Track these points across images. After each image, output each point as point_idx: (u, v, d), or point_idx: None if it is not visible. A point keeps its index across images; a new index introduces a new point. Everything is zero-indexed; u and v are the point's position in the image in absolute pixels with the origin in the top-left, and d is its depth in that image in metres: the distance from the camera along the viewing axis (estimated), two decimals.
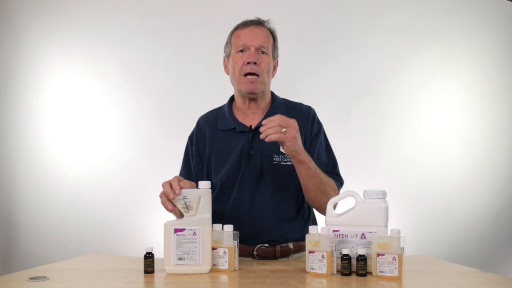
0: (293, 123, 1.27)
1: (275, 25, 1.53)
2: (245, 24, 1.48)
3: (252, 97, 1.48)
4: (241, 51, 1.45)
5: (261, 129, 1.25)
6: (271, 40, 1.49)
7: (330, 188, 1.39)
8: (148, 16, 2.82)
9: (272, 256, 1.42)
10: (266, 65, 1.44)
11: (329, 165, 1.50)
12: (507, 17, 2.97)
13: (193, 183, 1.26)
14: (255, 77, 1.42)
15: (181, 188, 1.17)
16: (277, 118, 1.24)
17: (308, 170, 1.33)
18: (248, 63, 1.42)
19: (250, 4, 2.70)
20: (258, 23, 1.49)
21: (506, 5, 2.97)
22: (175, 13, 2.82)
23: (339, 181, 1.49)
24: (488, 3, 2.95)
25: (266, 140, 1.25)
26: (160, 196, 1.20)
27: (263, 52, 1.45)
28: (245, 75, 1.43)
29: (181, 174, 1.56)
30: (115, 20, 2.80)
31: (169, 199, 1.16)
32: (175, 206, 1.17)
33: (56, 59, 2.78)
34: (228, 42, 1.52)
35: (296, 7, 2.84)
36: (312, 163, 1.34)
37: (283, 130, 1.23)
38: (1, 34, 2.75)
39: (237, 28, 1.50)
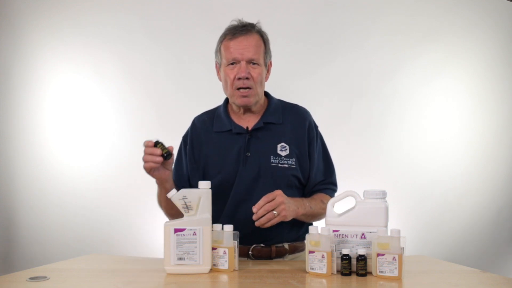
0: (279, 199, 1.28)
1: (274, 25, 1.52)
2: (234, 34, 1.42)
3: (246, 108, 1.48)
4: (232, 63, 1.42)
5: (254, 217, 1.28)
6: (262, 47, 1.45)
7: (324, 212, 1.36)
8: (148, 16, 2.82)
9: (268, 256, 1.42)
10: (258, 76, 1.42)
11: (326, 173, 1.52)
12: (507, 17, 2.97)
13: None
14: (247, 90, 1.41)
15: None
16: (264, 208, 1.26)
17: (302, 217, 1.39)
18: (240, 78, 1.40)
19: (250, 4, 2.68)
20: (247, 30, 1.43)
21: (506, 5, 2.97)
22: (175, 13, 2.82)
23: (333, 191, 1.53)
24: (488, 3, 2.95)
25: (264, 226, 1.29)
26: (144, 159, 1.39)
27: (254, 63, 1.42)
28: (238, 89, 1.42)
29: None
30: (115, 20, 2.79)
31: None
32: (158, 163, 1.29)
33: (56, 59, 2.77)
34: (218, 51, 1.48)
35: (296, 7, 2.83)
36: (306, 209, 1.39)
37: (275, 213, 1.27)
38: (1, 34, 2.75)
39: (225, 36, 1.45)
